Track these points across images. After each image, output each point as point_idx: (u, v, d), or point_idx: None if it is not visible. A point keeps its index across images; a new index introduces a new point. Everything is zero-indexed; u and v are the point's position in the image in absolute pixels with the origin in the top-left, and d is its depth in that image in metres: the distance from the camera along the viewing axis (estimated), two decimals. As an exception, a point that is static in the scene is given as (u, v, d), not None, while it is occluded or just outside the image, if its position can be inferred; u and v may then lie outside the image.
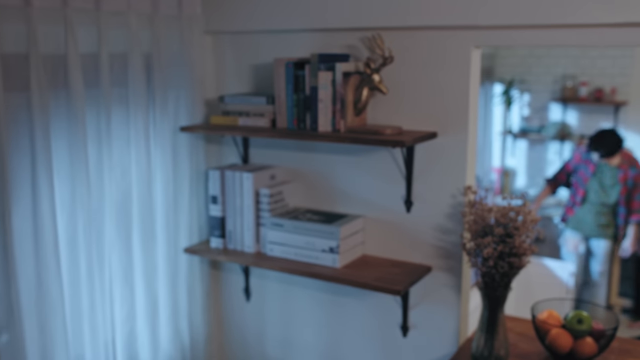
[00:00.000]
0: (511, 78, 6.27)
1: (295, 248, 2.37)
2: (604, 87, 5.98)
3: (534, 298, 2.35)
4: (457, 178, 2.21)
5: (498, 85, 6.39)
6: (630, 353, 2.19)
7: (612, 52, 5.99)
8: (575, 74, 6.13)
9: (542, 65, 6.29)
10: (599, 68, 6.06)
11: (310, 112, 2.26)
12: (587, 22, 1.91)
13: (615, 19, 1.87)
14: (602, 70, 6.05)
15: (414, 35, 2.20)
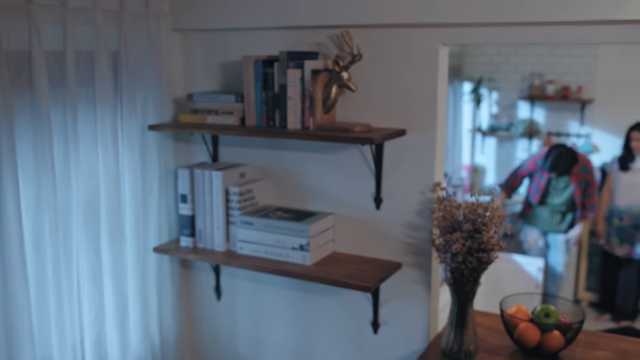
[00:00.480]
0: (480, 76, 6.34)
1: (265, 246, 2.37)
2: (570, 85, 6.07)
3: (504, 293, 2.38)
4: (426, 175, 2.23)
5: (467, 84, 6.45)
6: (596, 345, 2.23)
7: (577, 50, 6.09)
8: (542, 72, 6.21)
9: (510, 64, 6.37)
10: (565, 66, 6.15)
11: (279, 110, 2.26)
12: (553, 19, 1.94)
13: (579, 17, 1.90)
14: (568, 69, 6.14)
15: (382, 32, 2.21)
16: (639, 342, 2.29)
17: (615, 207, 5.41)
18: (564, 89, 6.02)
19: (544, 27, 1.99)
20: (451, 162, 6.34)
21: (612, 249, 5.46)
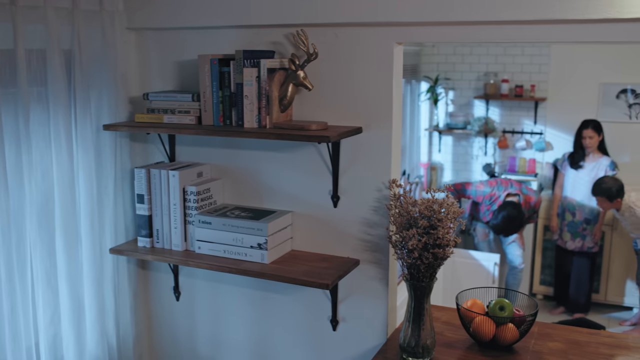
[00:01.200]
0: (436, 76, 6.42)
1: (223, 245, 2.36)
2: (524, 84, 6.19)
3: (461, 288, 2.42)
4: (382, 172, 2.25)
5: (424, 83, 6.52)
6: (550, 337, 2.29)
7: (530, 50, 6.21)
8: (497, 71, 6.32)
9: (466, 63, 6.46)
10: (519, 66, 6.27)
11: (235, 109, 2.26)
12: (504, 19, 1.98)
13: (530, 16, 1.95)
14: (522, 68, 6.27)
15: (337, 31, 2.23)
16: (590, 332, 2.36)
17: (567, 203, 5.55)
18: (517, 88, 6.14)
19: (496, 26, 2.03)
20: (410, 160, 6.41)
21: (564, 243, 5.59)
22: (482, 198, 5.24)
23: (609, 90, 5.98)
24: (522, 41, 2.04)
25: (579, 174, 5.47)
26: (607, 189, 5.00)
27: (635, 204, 4.98)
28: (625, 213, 5.07)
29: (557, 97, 6.18)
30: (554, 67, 6.16)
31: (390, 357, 2.19)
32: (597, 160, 5.40)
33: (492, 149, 6.48)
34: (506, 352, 2.17)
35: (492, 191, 5.19)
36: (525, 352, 2.17)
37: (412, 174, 6.44)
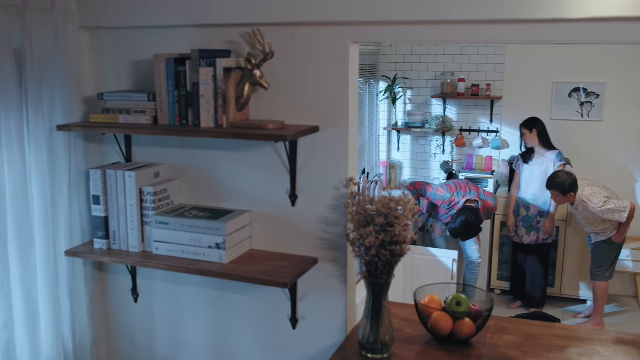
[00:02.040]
0: (394, 75, 6.48)
1: (181, 246, 2.35)
2: (480, 83, 6.29)
3: (421, 285, 2.44)
4: (340, 170, 2.27)
5: (382, 83, 6.57)
6: (506, 330, 2.33)
7: (486, 50, 6.31)
8: (453, 71, 6.41)
9: (423, 63, 6.53)
10: (475, 65, 6.37)
11: (192, 109, 2.25)
12: (458, 18, 2.01)
13: (483, 16, 1.98)
14: (478, 67, 6.36)
15: (293, 30, 2.23)
16: (544, 325, 2.41)
17: (522, 199, 5.67)
18: (474, 87, 6.23)
19: (449, 25, 2.06)
20: (369, 158, 6.45)
21: (521, 239, 5.70)
22: (442, 202, 5.30)
23: (562, 89, 6.12)
24: (475, 41, 2.07)
25: (531, 170, 5.60)
26: (560, 182, 5.11)
27: (589, 199, 5.10)
28: (578, 207, 5.19)
29: (512, 95, 6.29)
30: (509, 67, 6.28)
31: (349, 354, 2.21)
32: (545, 154, 5.54)
33: (450, 147, 6.56)
34: (463, 346, 2.20)
35: (452, 197, 5.25)
36: (482, 346, 2.21)
37: (372, 173, 6.49)
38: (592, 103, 6.06)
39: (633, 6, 1.85)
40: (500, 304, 5.94)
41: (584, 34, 1.98)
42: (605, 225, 5.23)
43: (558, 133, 6.05)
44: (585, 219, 5.26)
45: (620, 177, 6.03)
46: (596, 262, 5.40)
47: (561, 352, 2.17)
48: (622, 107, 5.96)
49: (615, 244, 5.32)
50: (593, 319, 5.51)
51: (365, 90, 6.25)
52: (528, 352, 2.17)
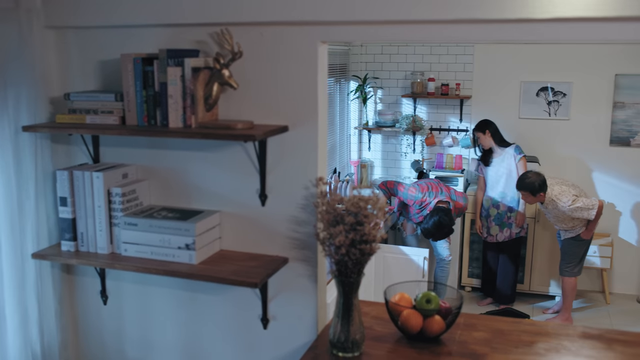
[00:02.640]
0: (365, 75, 6.50)
1: (150, 247, 2.33)
2: (449, 82, 6.35)
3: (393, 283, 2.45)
4: (309, 170, 2.27)
5: (353, 83, 6.59)
6: (475, 327, 2.36)
7: (455, 49, 6.37)
8: (423, 70, 6.45)
9: (393, 63, 6.57)
10: (444, 65, 6.42)
11: (160, 109, 2.23)
12: (425, 18, 2.03)
13: (450, 16, 2.00)
14: (447, 67, 6.42)
15: (262, 30, 2.23)
16: (513, 321, 2.44)
17: (491, 199, 5.74)
18: (444, 87, 6.29)
19: (417, 25, 2.08)
20: (339, 158, 6.46)
21: (495, 238, 5.77)
22: (413, 202, 5.33)
23: (530, 88, 6.21)
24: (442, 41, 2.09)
25: (495, 170, 5.68)
26: (530, 183, 5.18)
27: (558, 198, 5.18)
28: (548, 206, 5.27)
29: (481, 95, 6.37)
30: (478, 66, 6.34)
31: (320, 353, 2.21)
32: (503, 151, 5.63)
33: (420, 146, 6.61)
34: (433, 344, 2.22)
35: (424, 197, 5.28)
36: (452, 343, 2.23)
37: (343, 172, 6.51)
38: (559, 102, 6.15)
39: (596, 7, 1.88)
40: (471, 301, 6.01)
41: (548, 34, 2.01)
42: (574, 222, 5.32)
43: (526, 132, 6.14)
44: (554, 217, 5.34)
45: (586, 175, 6.14)
46: (565, 258, 5.49)
47: (529, 347, 2.20)
48: (588, 106, 6.07)
49: (584, 240, 5.41)
50: (562, 314, 5.60)
51: (335, 89, 6.26)
52: (497, 347, 2.19)
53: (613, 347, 2.19)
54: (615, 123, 6.05)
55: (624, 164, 6.08)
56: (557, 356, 2.14)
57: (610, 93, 6.01)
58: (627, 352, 2.16)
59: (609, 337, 2.27)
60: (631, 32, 1.93)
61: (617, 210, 6.16)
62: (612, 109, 6.03)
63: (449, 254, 5.62)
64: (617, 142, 6.08)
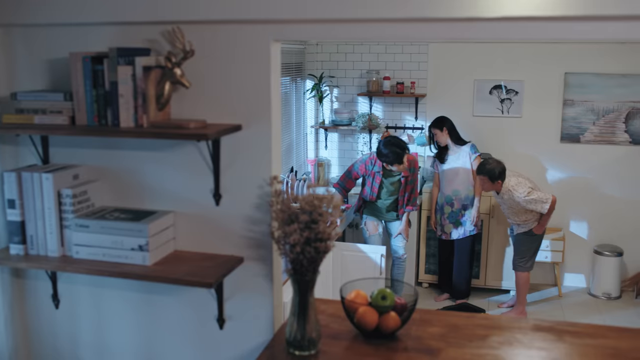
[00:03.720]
0: (321, 74, 6.52)
1: (103, 249, 2.29)
2: (404, 81, 6.40)
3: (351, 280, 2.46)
4: (264, 169, 2.27)
5: (309, 81, 6.60)
6: (430, 322, 2.38)
7: (410, 48, 6.43)
8: (378, 69, 6.50)
9: (349, 61, 6.60)
10: (399, 64, 6.48)
11: (111, 108, 2.19)
12: (376, 17, 2.04)
13: (401, 15, 2.02)
14: (402, 66, 6.48)
15: (214, 28, 2.22)
16: (467, 316, 2.48)
17: (445, 196, 5.81)
18: (399, 85, 6.34)
19: (368, 24, 2.09)
20: (296, 157, 6.46)
21: (449, 235, 5.84)
22: (364, 165, 5.31)
23: (483, 86, 6.31)
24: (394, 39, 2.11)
25: (448, 167, 5.76)
26: (490, 169, 5.27)
27: (514, 188, 5.28)
28: (504, 196, 5.36)
29: (436, 93, 6.44)
30: (432, 65, 6.42)
31: (277, 352, 2.21)
32: (459, 149, 5.72)
33: (377, 144, 6.65)
34: (389, 340, 2.23)
35: (367, 161, 5.29)
36: (407, 338, 2.25)
37: (300, 171, 6.51)
38: (511, 100, 6.27)
39: (544, 6, 1.92)
40: (428, 297, 6.08)
41: (497, 33, 2.04)
42: (527, 216, 5.42)
43: (480, 129, 6.24)
44: (509, 208, 5.43)
45: (538, 171, 6.27)
46: (518, 253, 5.59)
47: (483, 341, 2.23)
48: (539, 104, 6.20)
49: (536, 235, 5.52)
50: (516, 308, 5.70)
51: (292, 88, 6.26)
52: (452, 342, 2.22)
53: (563, 339, 2.24)
54: (566, 120, 6.19)
55: (575, 160, 6.23)
56: (510, 349, 2.18)
57: (561, 91, 6.15)
58: (577, 343, 2.21)
59: (559, 328, 2.32)
60: (577, 32, 1.98)
61: (568, 205, 6.31)
62: (562, 106, 6.17)
63: (404, 253, 5.66)
64: (567, 139, 6.23)
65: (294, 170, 6.16)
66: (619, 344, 2.21)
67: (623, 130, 6.10)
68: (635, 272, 6.24)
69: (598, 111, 6.11)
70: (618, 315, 5.76)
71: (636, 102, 6.02)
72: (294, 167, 6.26)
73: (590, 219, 6.32)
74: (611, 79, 6.03)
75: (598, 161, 6.20)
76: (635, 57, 5.96)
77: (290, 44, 6.09)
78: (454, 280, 5.97)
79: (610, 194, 6.23)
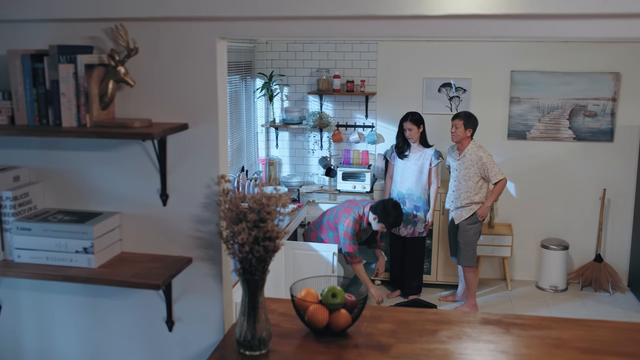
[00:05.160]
0: (271, 72, 6.49)
1: (46, 252, 2.23)
2: (354, 79, 6.43)
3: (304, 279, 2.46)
4: (211, 168, 2.24)
5: (259, 80, 6.57)
6: (381, 319, 2.40)
7: (359, 47, 6.47)
8: (328, 67, 6.51)
9: (299, 60, 6.59)
10: (349, 62, 6.50)
11: (52, 107, 2.14)
12: (322, 14, 2.04)
13: (347, 12, 2.02)
14: (352, 64, 6.50)
15: (158, 26, 2.18)
16: (417, 311, 2.50)
17: (397, 193, 5.85)
18: (349, 83, 6.36)
19: (314, 21, 2.09)
20: (247, 156, 6.43)
21: (398, 230, 5.88)
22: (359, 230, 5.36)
23: (432, 84, 6.38)
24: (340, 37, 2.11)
25: (406, 164, 5.79)
26: (466, 113, 5.55)
27: (480, 147, 5.52)
28: (466, 156, 5.51)
29: (386, 91, 6.49)
30: (382, 63, 6.46)
31: (227, 353, 2.19)
32: (422, 151, 5.75)
33: (328, 142, 6.67)
34: (340, 337, 2.24)
35: (356, 216, 5.31)
36: (358, 335, 2.25)
37: (251, 170, 6.47)
38: (459, 98, 6.36)
39: (488, 4, 1.95)
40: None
41: (443, 30, 2.06)
42: (475, 195, 5.48)
43: (430, 126, 6.30)
44: (465, 176, 5.48)
45: (487, 167, 6.37)
46: (467, 244, 5.65)
47: (433, 336, 2.25)
48: (487, 101, 6.31)
49: (478, 222, 5.59)
50: (468, 302, 5.79)
51: (241, 87, 6.22)
52: (402, 338, 2.24)
53: (510, 331, 2.28)
54: (512, 117, 6.31)
55: (521, 156, 6.37)
56: (458, 342, 2.21)
57: (507, 89, 6.27)
58: (523, 335, 2.26)
59: (506, 321, 2.37)
60: (520, 30, 2.01)
61: (516, 201, 6.44)
62: (509, 104, 6.29)
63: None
64: (514, 136, 6.35)
65: (245, 169, 6.12)
66: (563, 334, 2.27)
67: (567, 126, 6.25)
68: (580, 264, 6.41)
69: (543, 108, 6.25)
70: (564, 307, 5.91)
71: (579, 100, 6.18)
72: (245, 166, 6.23)
73: (537, 214, 6.46)
74: (555, 77, 6.17)
75: (544, 157, 6.34)
76: (578, 56, 6.12)
77: (240, 42, 6.05)
78: (405, 277, 6.02)
79: (556, 189, 6.38)
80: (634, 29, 1.94)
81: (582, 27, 1.97)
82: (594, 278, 6.25)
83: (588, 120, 6.21)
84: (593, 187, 6.32)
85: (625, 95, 6.14)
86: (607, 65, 6.11)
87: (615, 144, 6.23)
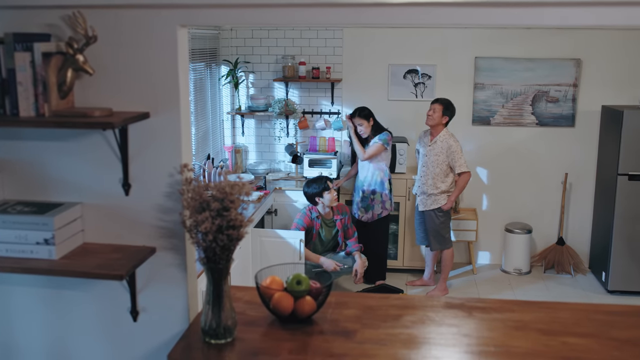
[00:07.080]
0: (236, 59, 6.44)
1: (5, 244, 2.20)
2: (320, 66, 6.42)
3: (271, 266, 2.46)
4: (173, 157, 2.22)
5: (224, 67, 6.52)
6: (346, 305, 2.41)
7: (324, 34, 6.45)
8: (294, 54, 6.49)
9: (264, 47, 6.55)
10: (314, 49, 6.49)
11: (9, 97, 2.09)
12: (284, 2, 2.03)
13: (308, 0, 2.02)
14: (317, 51, 6.49)
15: (117, 13, 2.15)
16: (381, 297, 2.53)
17: (358, 182, 5.89)
18: (314, 70, 6.35)
19: (276, 8, 2.07)
20: (213, 144, 6.38)
21: (361, 217, 5.92)
22: (310, 222, 5.41)
23: (397, 71, 6.41)
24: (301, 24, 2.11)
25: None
26: (445, 99, 5.60)
27: (452, 136, 5.57)
28: (437, 142, 5.55)
29: (351, 78, 6.50)
30: (347, 50, 6.46)
31: (193, 342, 2.18)
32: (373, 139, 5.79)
33: (294, 129, 6.66)
34: (306, 324, 2.25)
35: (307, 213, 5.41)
36: (323, 322, 2.27)
37: (217, 158, 6.43)
38: (425, 84, 6.40)
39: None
40: (347, 280, 6.14)
41: (405, 18, 2.07)
42: (442, 183, 5.54)
43: (395, 113, 6.34)
44: (433, 162, 5.53)
45: (452, 153, 6.43)
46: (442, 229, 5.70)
47: (397, 321, 2.28)
48: (451, 88, 6.35)
49: (445, 212, 5.66)
50: (439, 286, 5.88)
51: (206, 74, 6.16)
52: (367, 323, 2.26)
53: (473, 315, 2.32)
54: (477, 103, 6.38)
55: (486, 142, 6.45)
56: (422, 327, 2.24)
57: (471, 75, 6.33)
58: (485, 318, 2.30)
59: (469, 305, 2.41)
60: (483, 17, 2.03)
61: (480, 186, 6.52)
62: (473, 90, 6.35)
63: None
64: (478, 122, 6.42)
65: (211, 157, 6.08)
66: (525, 316, 2.31)
67: (530, 112, 6.34)
68: (543, 247, 6.54)
69: (507, 94, 6.32)
70: (528, 290, 6.02)
71: (541, 85, 6.27)
72: (211, 154, 6.18)
73: (501, 198, 6.56)
74: (518, 63, 6.25)
75: (507, 142, 6.43)
76: (540, 42, 6.20)
77: (204, 29, 5.99)
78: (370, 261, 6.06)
79: (519, 174, 6.48)
80: (594, 16, 1.97)
81: (544, 15, 2.00)
82: (557, 261, 6.39)
83: (550, 105, 6.30)
84: (555, 171, 6.43)
85: (586, 81, 6.25)
86: (569, 52, 6.20)
87: (577, 129, 6.34)
